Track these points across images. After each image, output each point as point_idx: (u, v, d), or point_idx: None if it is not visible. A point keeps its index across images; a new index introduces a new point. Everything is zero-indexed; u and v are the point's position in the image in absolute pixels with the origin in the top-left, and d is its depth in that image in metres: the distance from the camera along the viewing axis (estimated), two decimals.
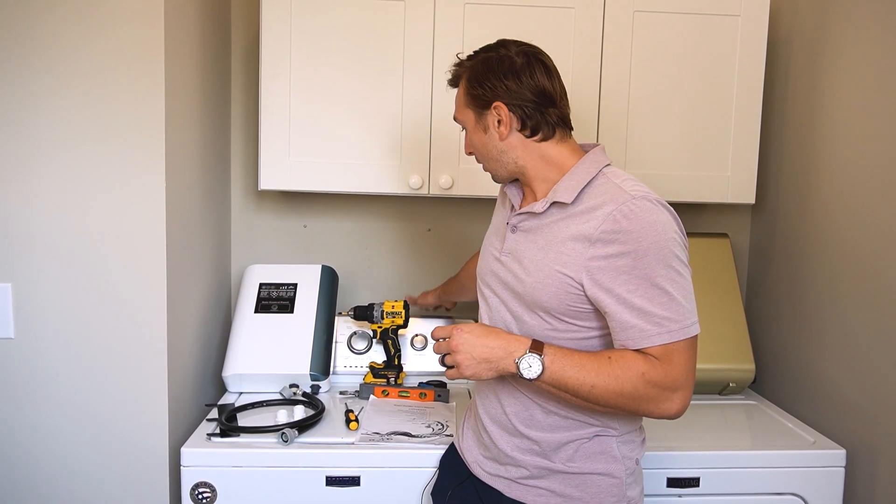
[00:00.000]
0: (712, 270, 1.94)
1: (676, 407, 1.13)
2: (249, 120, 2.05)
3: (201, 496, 1.46)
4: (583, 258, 1.14)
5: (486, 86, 1.23)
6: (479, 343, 1.19)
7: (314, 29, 1.74)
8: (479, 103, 1.25)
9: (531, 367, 1.15)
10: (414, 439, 1.53)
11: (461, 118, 1.32)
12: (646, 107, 1.81)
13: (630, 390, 1.12)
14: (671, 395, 1.12)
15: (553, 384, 1.15)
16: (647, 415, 1.16)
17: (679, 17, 1.79)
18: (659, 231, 1.12)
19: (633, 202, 1.13)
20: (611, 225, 1.12)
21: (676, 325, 1.11)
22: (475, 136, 1.29)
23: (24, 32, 1.40)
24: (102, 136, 1.44)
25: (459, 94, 1.30)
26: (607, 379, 1.12)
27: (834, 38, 1.74)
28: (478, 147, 1.30)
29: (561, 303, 1.18)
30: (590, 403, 1.16)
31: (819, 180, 1.79)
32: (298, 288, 1.89)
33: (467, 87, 1.27)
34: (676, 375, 1.11)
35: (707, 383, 1.87)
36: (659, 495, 1.51)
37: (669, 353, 1.11)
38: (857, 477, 1.60)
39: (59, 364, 1.48)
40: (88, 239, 1.46)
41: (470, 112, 1.28)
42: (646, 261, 1.11)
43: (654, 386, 1.11)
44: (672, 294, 1.11)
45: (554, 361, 1.14)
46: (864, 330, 1.61)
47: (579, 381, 1.13)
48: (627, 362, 1.12)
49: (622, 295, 1.12)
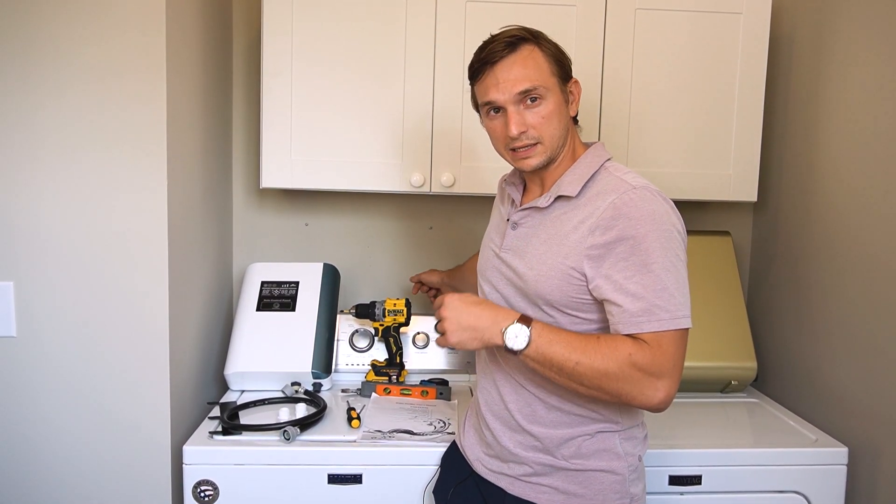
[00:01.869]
0: (714, 268, 1.94)
1: (660, 396, 1.11)
2: (251, 118, 2.05)
3: (203, 494, 1.46)
4: (583, 246, 1.15)
5: (567, 59, 1.24)
6: (468, 310, 1.18)
7: (315, 27, 1.74)
8: (564, 74, 1.23)
9: (517, 338, 1.13)
10: (416, 437, 1.53)
11: (547, 85, 1.20)
12: (647, 104, 1.81)
13: (615, 370, 1.10)
14: (656, 381, 1.11)
15: (538, 359, 1.14)
16: (629, 401, 1.13)
17: (681, 15, 1.79)
18: (657, 220, 1.12)
19: (633, 191, 1.14)
20: (611, 212, 1.14)
21: (667, 315, 1.11)
22: (558, 108, 1.21)
23: (30, 38, 1.40)
24: (105, 137, 1.44)
25: (537, 61, 1.20)
26: (593, 356, 1.11)
27: (836, 36, 1.74)
28: (554, 120, 1.21)
29: (564, 294, 1.18)
30: (573, 383, 1.14)
31: (821, 178, 1.78)
32: (300, 286, 1.89)
33: (553, 54, 1.22)
34: (663, 362, 1.10)
35: (709, 381, 1.87)
36: (661, 493, 1.51)
37: (659, 340, 1.11)
38: (860, 475, 1.60)
39: (60, 362, 1.48)
40: (90, 237, 1.46)
41: (557, 81, 1.21)
42: (643, 247, 1.11)
43: (640, 370, 1.10)
44: (665, 284, 1.11)
45: (541, 335, 1.14)
46: (867, 328, 1.61)
47: (565, 356, 1.12)
48: (616, 342, 1.12)
49: (618, 280, 1.12)
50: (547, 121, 1.20)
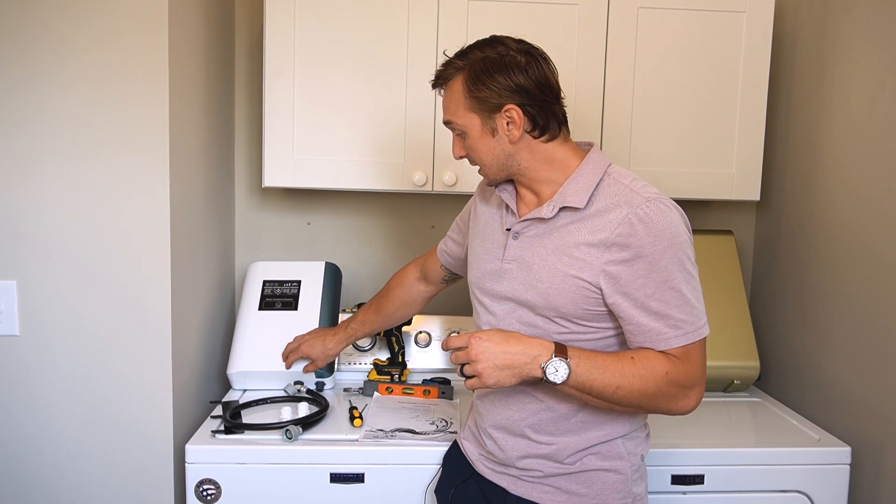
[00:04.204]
0: (717, 267, 1.94)
1: (693, 403, 1.16)
2: (253, 117, 2.05)
3: (206, 493, 1.46)
4: (599, 262, 1.14)
5: (493, 87, 1.16)
6: (500, 350, 1.14)
7: (318, 26, 1.74)
8: (487, 106, 1.17)
9: (558, 372, 1.12)
10: (418, 436, 1.53)
11: (461, 123, 1.21)
12: (650, 103, 1.81)
13: (654, 390, 1.13)
14: (689, 392, 1.15)
15: (578, 387, 1.14)
16: (663, 412, 1.17)
17: (684, 14, 1.79)
18: (673, 234, 1.12)
19: (647, 205, 1.12)
20: (626, 229, 1.12)
21: (692, 328, 1.13)
22: (480, 141, 1.21)
23: (33, 41, 1.41)
24: (107, 138, 1.45)
25: (455, 96, 1.20)
26: (632, 380, 1.12)
27: (839, 34, 1.74)
28: (481, 152, 1.22)
29: (578, 307, 1.17)
30: (612, 404, 1.15)
31: (824, 177, 1.78)
32: (302, 285, 1.89)
33: (469, 90, 1.18)
34: (693, 373, 1.14)
35: (712, 380, 1.86)
36: (663, 492, 1.51)
37: (688, 353, 1.13)
38: (863, 474, 1.59)
39: (63, 361, 1.48)
40: (93, 237, 1.46)
41: (474, 116, 1.19)
42: (662, 264, 1.11)
43: (676, 385, 1.13)
44: (686, 296, 1.13)
45: (579, 364, 1.13)
46: (870, 327, 1.60)
47: (604, 382, 1.13)
48: (651, 363, 1.13)
49: (640, 299, 1.12)
50: (473, 150, 1.24)
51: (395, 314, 1.68)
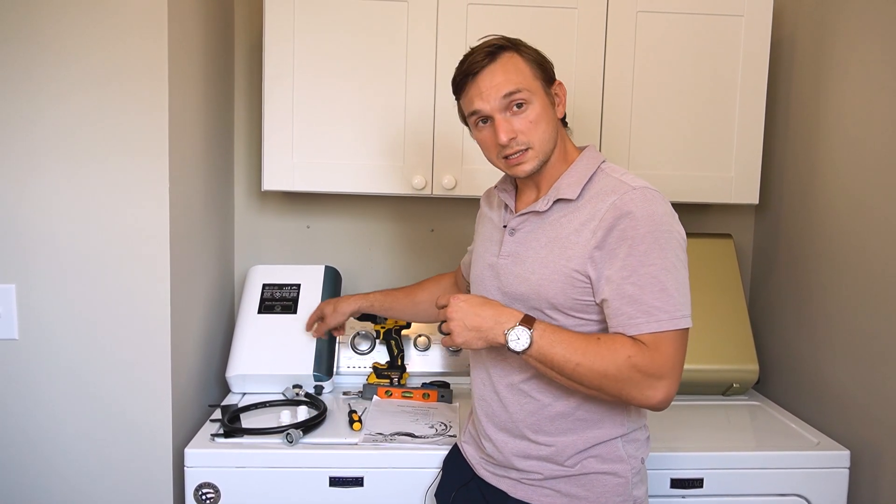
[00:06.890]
0: (716, 271, 1.94)
1: (660, 396, 1.13)
2: (253, 121, 2.05)
3: (205, 496, 1.46)
4: (587, 248, 1.16)
5: (548, 63, 1.24)
6: (472, 312, 1.19)
7: (317, 30, 1.74)
8: (547, 76, 1.23)
9: (519, 340, 1.15)
10: (417, 440, 1.53)
11: (531, 89, 1.20)
12: (649, 107, 1.81)
13: (614, 372, 1.12)
14: (655, 382, 1.12)
15: (539, 359, 1.15)
16: (629, 401, 1.15)
17: (682, 18, 1.79)
18: (657, 222, 1.13)
19: (633, 192, 1.15)
20: (612, 213, 1.15)
21: (665, 316, 1.12)
22: (545, 112, 1.21)
23: (33, 44, 1.41)
24: (107, 142, 1.45)
25: (517, 65, 1.20)
26: (593, 358, 1.13)
27: (838, 38, 1.74)
28: (543, 122, 1.20)
29: (567, 297, 1.19)
30: (574, 383, 1.16)
31: (823, 181, 1.78)
32: (301, 288, 1.89)
33: (533, 59, 1.22)
34: (662, 364, 1.12)
35: (710, 384, 1.87)
36: (663, 496, 1.51)
37: (658, 341, 1.12)
38: (861, 478, 1.59)
39: (62, 365, 1.48)
40: (92, 240, 1.46)
41: (539, 84, 1.21)
42: (642, 248, 1.12)
43: (639, 371, 1.11)
44: (664, 284, 1.12)
45: (542, 336, 1.15)
46: (869, 331, 1.61)
47: (565, 357, 1.14)
48: (615, 344, 1.13)
49: (616, 281, 1.13)
50: (535, 125, 1.20)
51: (421, 305, 1.68)
